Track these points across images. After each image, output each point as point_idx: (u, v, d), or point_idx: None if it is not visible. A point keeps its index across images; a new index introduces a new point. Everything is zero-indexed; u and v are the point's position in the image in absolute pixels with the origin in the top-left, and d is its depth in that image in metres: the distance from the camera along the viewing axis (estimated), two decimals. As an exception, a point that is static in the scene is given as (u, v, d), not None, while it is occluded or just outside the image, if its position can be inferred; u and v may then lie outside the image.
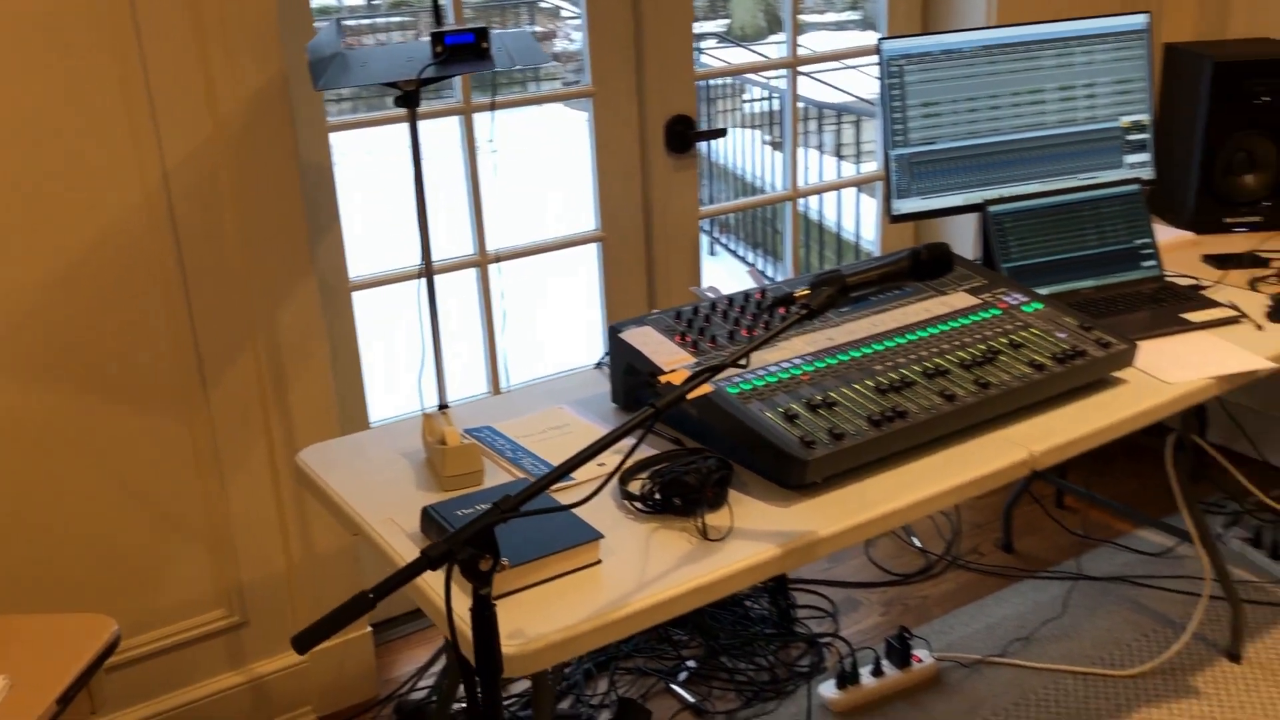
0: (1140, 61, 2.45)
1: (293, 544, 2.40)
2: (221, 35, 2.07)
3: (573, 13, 15.55)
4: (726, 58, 11.89)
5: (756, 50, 11.62)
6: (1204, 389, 1.97)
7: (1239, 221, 2.76)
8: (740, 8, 16.70)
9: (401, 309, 3.71)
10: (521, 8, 14.21)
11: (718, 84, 6.94)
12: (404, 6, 14.44)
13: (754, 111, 7.15)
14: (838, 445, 1.65)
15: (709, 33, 15.82)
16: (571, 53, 14.10)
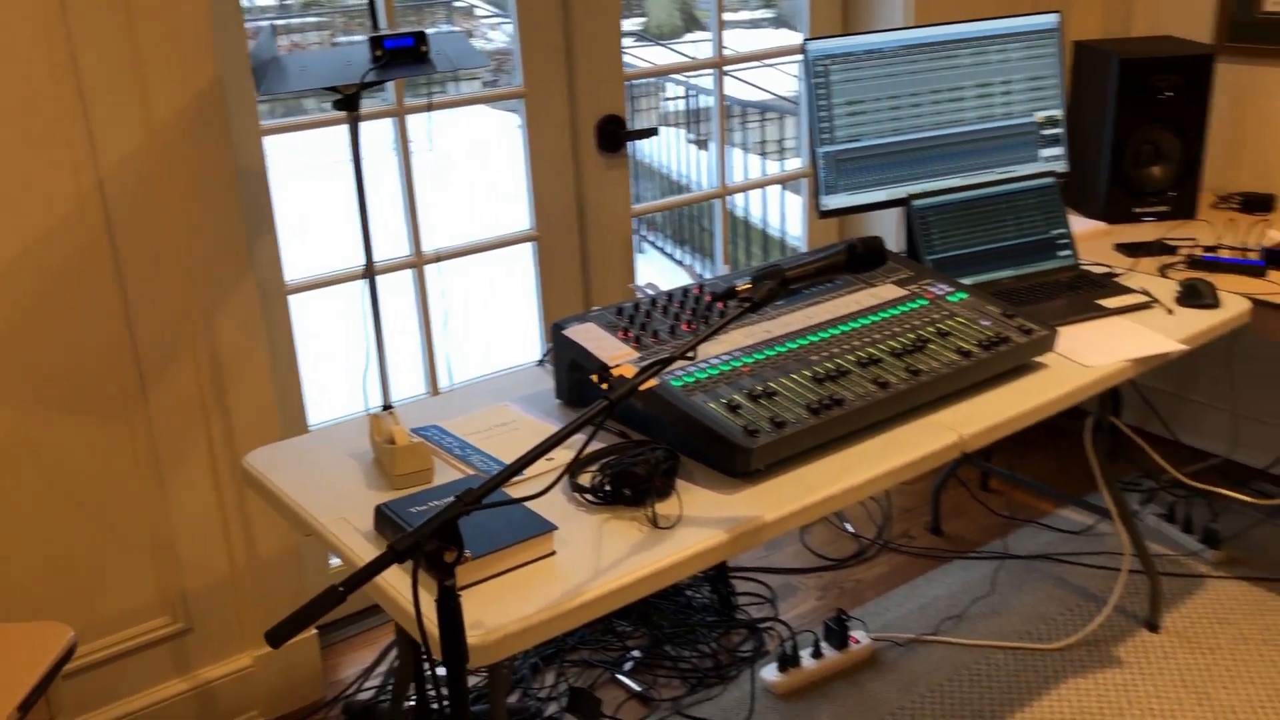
0: (1052, 59, 2.56)
1: (236, 549, 2.40)
2: (155, 40, 2.06)
3: (487, 11, 15.49)
4: (644, 56, 11.96)
5: (675, 49, 11.70)
6: (1121, 371, 2.07)
7: (1147, 211, 2.89)
8: (657, 6, 16.78)
9: (334, 312, 3.69)
10: (437, 7, 14.11)
11: (638, 83, 7.00)
12: (315, 7, 14.25)
13: (674, 110, 7.23)
14: (780, 433, 1.71)
15: (626, 31, 15.93)
16: (489, 51, 14.06)
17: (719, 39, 3.08)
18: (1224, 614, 2.64)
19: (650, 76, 6.94)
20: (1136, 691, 2.41)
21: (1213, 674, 2.45)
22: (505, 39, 14.37)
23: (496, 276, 5.07)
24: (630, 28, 16.45)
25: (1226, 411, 3.29)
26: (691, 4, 17.28)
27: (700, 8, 17.27)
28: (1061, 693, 2.42)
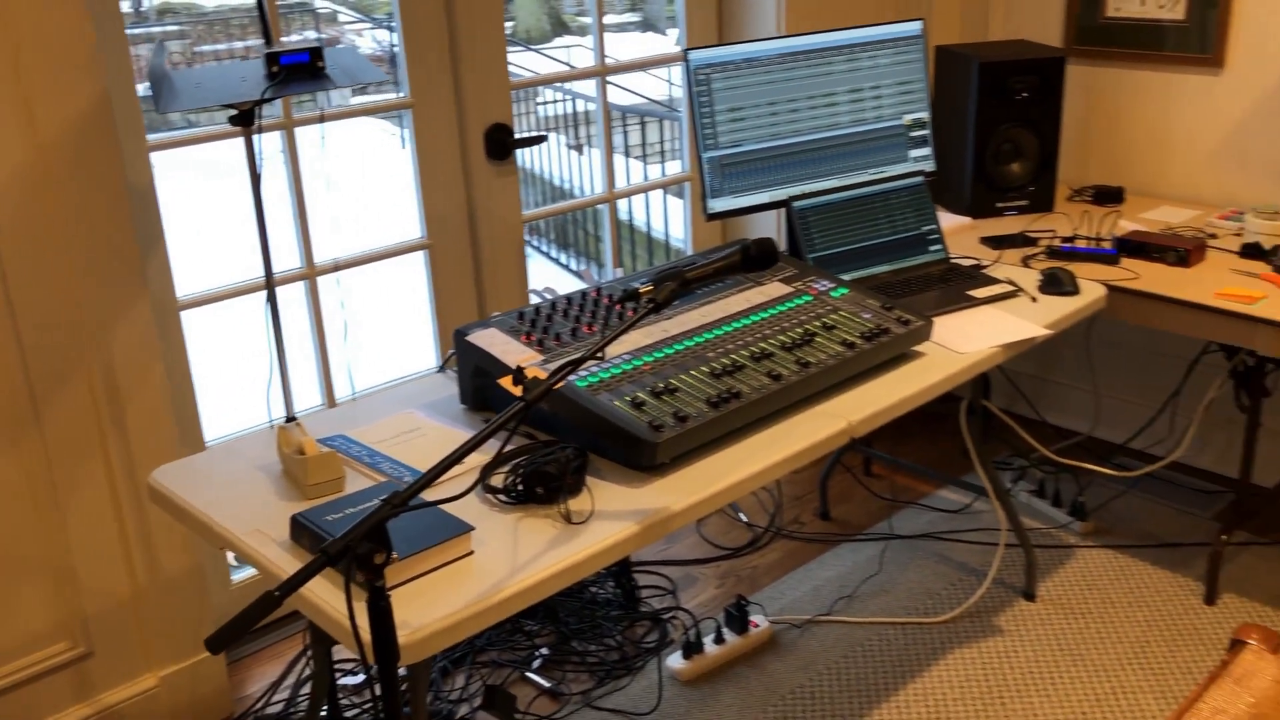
0: (918, 64, 2.71)
1: (137, 569, 2.37)
2: (38, 58, 2.03)
3: (352, 18, 15.27)
4: (513, 61, 11.99)
5: (545, 54, 11.74)
6: (992, 356, 2.22)
7: (1009, 205, 3.08)
8: (524, 11, 16.78)
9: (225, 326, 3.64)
10: (304, 14, 13.86)
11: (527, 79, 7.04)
12: (171, 14, 13.85)
13: (550, 115, 7.28)
14: (683, 427, 1.79)
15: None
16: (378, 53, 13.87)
17: (600, 47, 3.15)
18: (1093, 580, 2.83)
19: (537, 85, 6.99)
20: (1017, 658, 2.57)
21: (1085, 637, 2.63)
22: (373, 46, 14.20)
23: (390, 285, 5.04)
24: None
25: (1088, 391, 3.51)
26: (559, 8, 17.34)
27: (567, 11, 17.35)
28: (949, 662, 2.57)
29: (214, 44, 12.85)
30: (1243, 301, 2.43)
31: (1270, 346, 2.40)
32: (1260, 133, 3.01)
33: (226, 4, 14.34)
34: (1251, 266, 2.63)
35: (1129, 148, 3.28)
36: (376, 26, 14.76)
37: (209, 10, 14.21)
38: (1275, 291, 2.48)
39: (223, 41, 12.78)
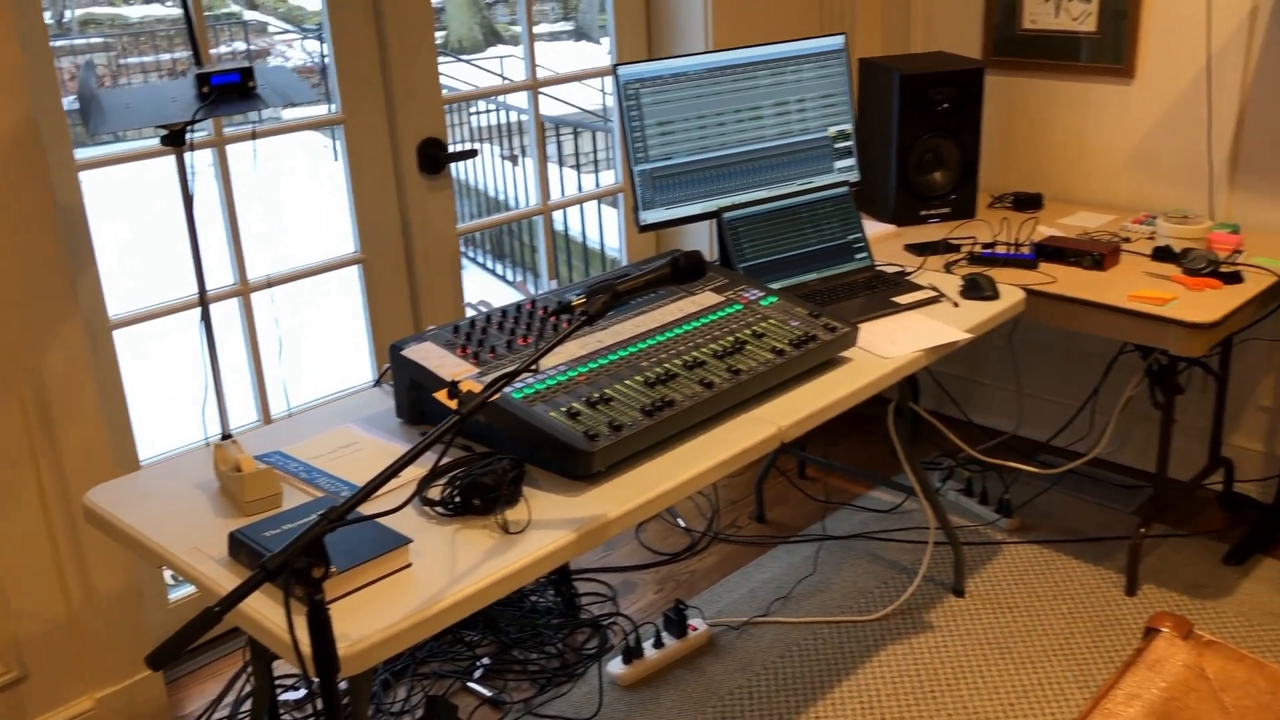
0: (840, 78, 2.78)
1: (72, 591, 2.35)
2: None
3: (281, 28, 15.14)
4: (447, 72, 11.96)
5: (477, 64, 11.75)
6: (915, 360, 2.29)
7: (932, 213, 3.16)
8: (456, 20, 16.74)
9: (161, 344, 3.60)
10: (230, 25, 13.71)
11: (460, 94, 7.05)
12: (94, 25, 13.62)
13: (483, 125, 7.30)
14: (617, 436, 1.84)
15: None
16: (308, 65, 13.75)
17: (531, 60, 3.19)
18: (1019, 575, 2.92)
19: (468, 100, 7.00)
20: (947, 652, 2.65)
21: (1012, 630, 2.71)
22: (304, 57, 14.08)
23: (326, 299, 5.04)
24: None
25: (1012, 392, 3.61)
26: (491, 18, 17.32)
27: (500, 20, 17.34)
28: (882, 658, 2.64)
29: (140, 56, 12.66)
30: (1154, 303, 2.53)
31: (1181, 346, 2.50)
32: (1169, 139, 3.13)
33: (152, 14, 14.13)
34: (1163, 269, 2.74)
35: (1047, 155, 3.39)
36: (306, 37, 14.63)
37: (134, 21, 14.00)
38: (1185, 293, 2.59)
39: (149, 54, 12.60)
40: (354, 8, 2.71)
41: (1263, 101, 2.94)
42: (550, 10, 18.03)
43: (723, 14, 3.20)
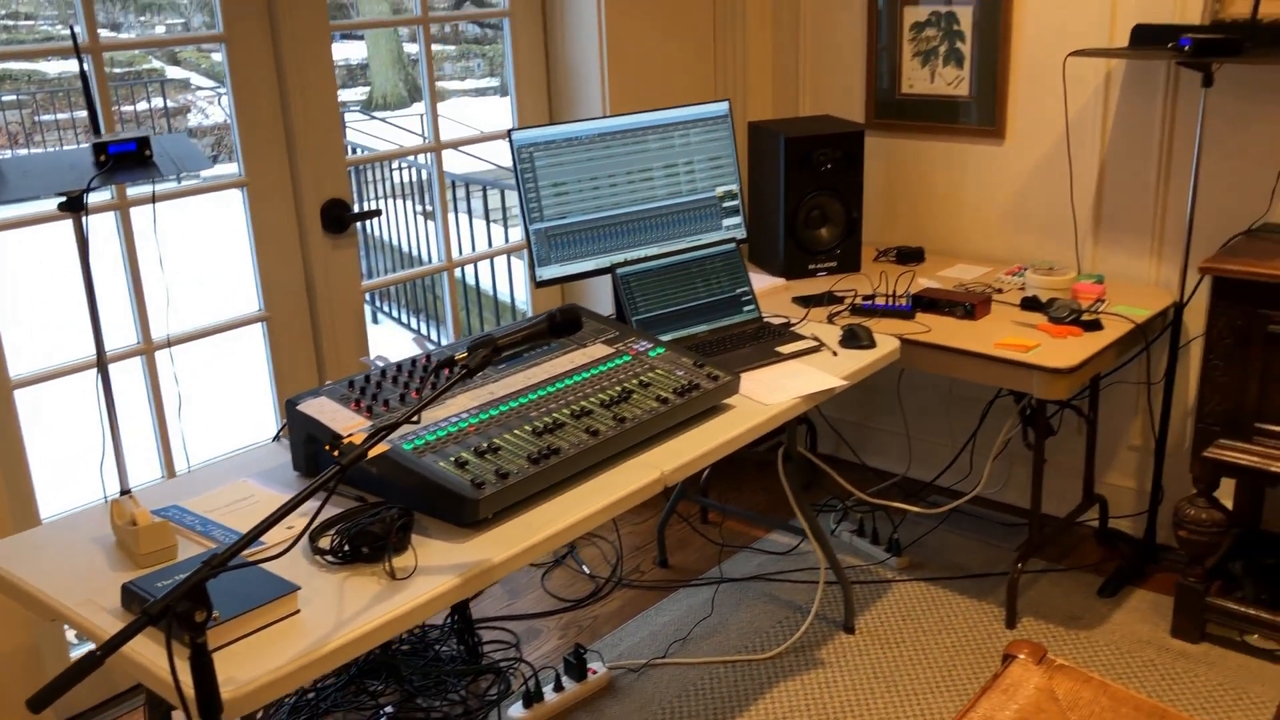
0: (726, 141, 2.93)
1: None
2: None
3: (204, 85, 15.12)
4: (369, 130, 12.05)
5: (397, 123, 11.84)
6: (794, 407, 2.41)
7: (820, 266, 3.32)
8: (380, 78, 16.86)
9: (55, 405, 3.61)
10: (150, 82, 13.66)
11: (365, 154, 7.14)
12: (10, 81, 13.49)
13: (402, 181, 7.39)
14: (504, 484, 1.93)
15: (350, 101, 15.89)
16: (208, 127, 13.72)
17: (434, 122, 3.30)
18: (907, 612, 3.05)
19: (371, 161, 7.10)
20: (837, 687, 2.76)
21: (900, 664, 2.83)
22: (223, 113, 14.07)
23: (232, 356, 5.06)
24: (355, 97, 16.45)
25: (902, 435, 3.77)
26: (415, 75, 17.46)
27: (423, 77, 17.54)
28: (775, 695, 2.74)
29: (55, 113, 12.56)
30: (1018, 350, 2.70)
31: (1044, 390, 2.67)
32: (1038, 196, 3.33)
33: (70, 70, 14.03)
34: (1030, 318, 2.92)
35: (928, 211, 3.58)
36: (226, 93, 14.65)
37: (51, 77, 13.89)
38: (1048, 340, 2.76)
39: (65, 110, 12.50)
40: (257, 72, 2.81)
41: (1120, 160, 3.16)
42: (476, 67, 18.26)
43: (619, 80, 3.35)
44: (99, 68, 2.52)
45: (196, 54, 16.10)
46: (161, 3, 17.57)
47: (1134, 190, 3.16)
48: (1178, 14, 2.96)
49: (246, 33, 2.77)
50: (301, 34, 2.84)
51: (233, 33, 2.75)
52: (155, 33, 16.93)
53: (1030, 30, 3.24)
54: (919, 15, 3.43)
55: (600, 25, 3.30)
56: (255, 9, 2.77)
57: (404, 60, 16.91)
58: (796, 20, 3.69)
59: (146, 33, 16.68)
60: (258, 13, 2.77)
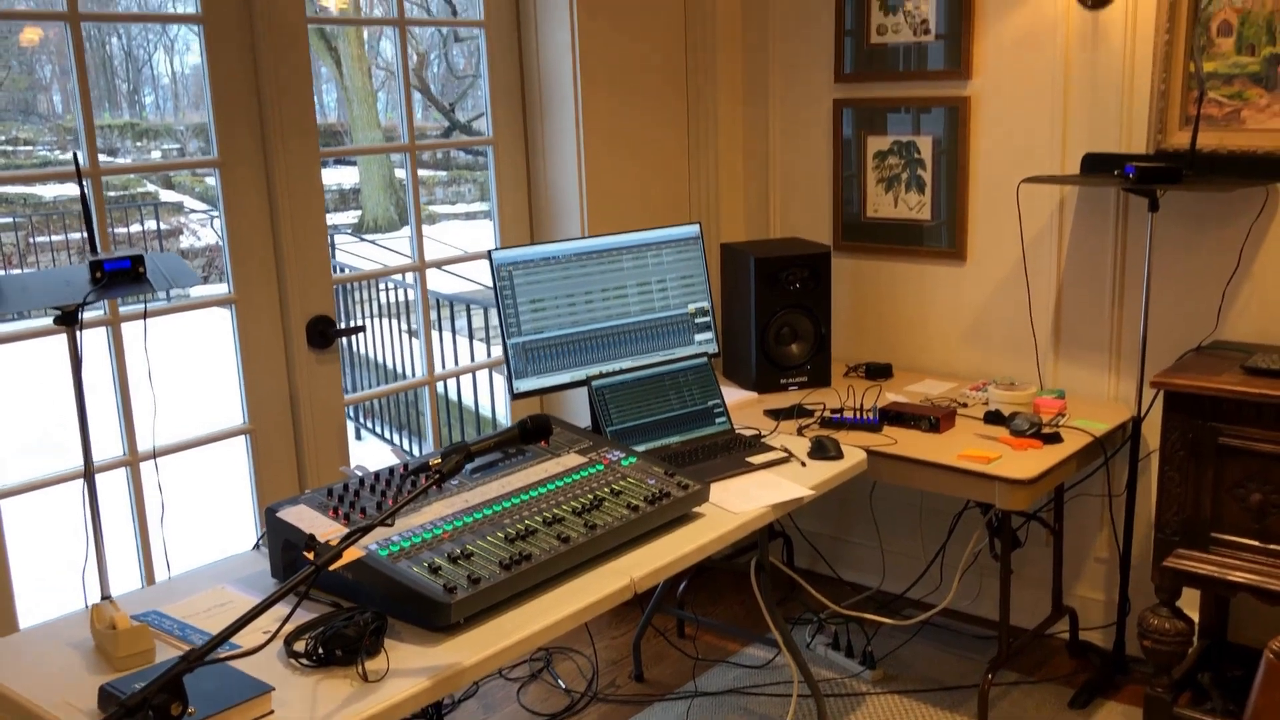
0: (697, 261, 3.07)
1: (-60, 760, 2.37)
2: None
3: (197, 208, 15.43)
4: (359, 251, 12.29)
5: (387, 244, 12.10)
6: (763, 515, 2.48)
7: (791, 381, 3.43)
8: (372, 202, 17.25)
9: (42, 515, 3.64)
10: (145, 205, 13.95)
11: (352, 275, 7.32)
12: (6, 205, 13.75)
13: (390, 302, 7.54)
14: (475, 589, 1.98)
15: (341, 224, 16.22)
16: (199, 248, 13.97)
17: (419, 242, 3.43)
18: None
19: (357, 280, 7.28)
20: (811, 799, 2.76)
21: (873, 776, 2.84)
22: (215, 236, 14.35)
23: (215, 467, 5.10)
24: (346, 221, 16.79)
25: (875, 549, 3.82)
26: (406, 199, 17.92)
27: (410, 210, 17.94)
28: (749, 808, 2.74)
29: (50, 235, 12.79)
30: (980, 461, 2.78)
31: (1006, 500, 2.75)
32: (1000, 315, 3.47)
33: (65, 194, 14.33)
34: (993, 431, 3.01)
35: (895, 329, 3.70)
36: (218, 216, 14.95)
37: (47, 200, 14.19)
38: (1009, 452, 2.85)
39: (59, 233, 12.74)
40: (249, 194, 2.94)
41: (1076, 281, 3.30)
42: (466, 191, 18.70)
43: (597, 204, 3.50)
44: (98, 192, 2.65)
45: (191, 178, 16.48)
46: (158, 128, 18.06)
47: (1090, 309, 3.29)
48: (1124, 144, 3.14)
49: (240, 159, 2.91)
50: (293, 159, 2.98)
51: (227, 158, 2.89)
52: (151, 158, 17.34)
53: (986, 158, 3.42)
54: (882, 144, 3.61)
55: (579, 154, 3.47)
56: (250, 135, 2.91)
57: (395, 185, 17.32)
58: (766, 149, 3.87)
59: (142, 158, 17.09)
60: (252, 139, 2.92)
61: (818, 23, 3.67)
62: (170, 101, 19.73)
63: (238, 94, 2.87)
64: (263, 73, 2.89)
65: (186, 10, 2.78)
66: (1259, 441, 2.62)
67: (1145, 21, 3.06)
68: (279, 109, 2.91)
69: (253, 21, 2.86)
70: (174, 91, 19.77)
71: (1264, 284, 3.00)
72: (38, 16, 6.99)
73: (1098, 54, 3.16)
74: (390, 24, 3.37)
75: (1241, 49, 2.93)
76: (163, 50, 19.28)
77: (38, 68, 17.30)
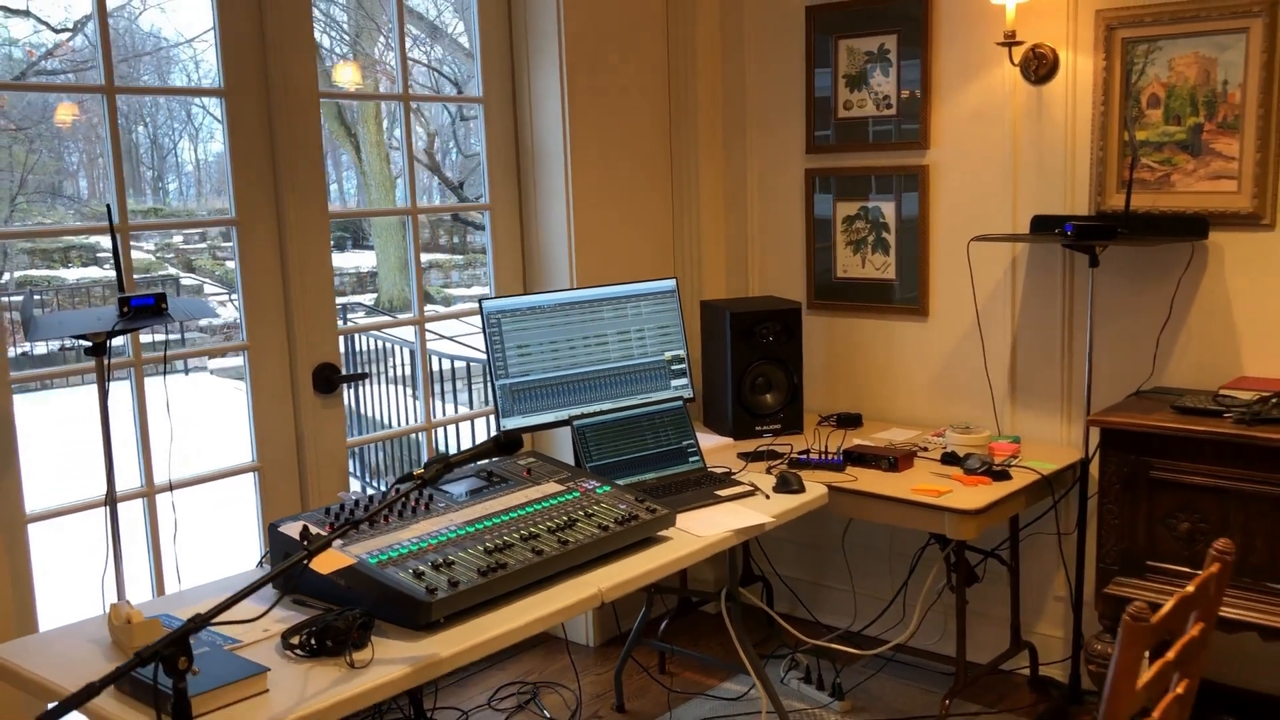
0: (673, 312, 3.32)
1: (-35, 759, 2.57)
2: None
3: (215, 291, 15.87)
4: (373, 325, 12.64)
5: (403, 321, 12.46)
6: (725, 540, 2.69)
7: (765, 428, 3.65)
8: (388, 282, 17.71)
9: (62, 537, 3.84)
10: (168, 285, 14.39)
11: (371, 349, 7.67)
12: (31, 285, 14.20)
13: (400, 374, 7.85)
14: (454, 590, 2.20)
15: (358, 303, 16.63)
16: (218, 325, 14.36)
17: (420, 299, 3.71)
18: (847, 749, 3.23)
19: (361, 332, 7.65)
20: (777, 815, 2.92)
21: (838, 796, 3.00)
22: (235, 314, 14.78)
23: (223, 501, 5.36)
24: (364, 301, 17.21)
25: (848, 590, 4.01)
26: (424, 281, 18.38)
27: (432, 284, 18.35)
28: (717, 823, 2.90)
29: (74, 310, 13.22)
30: (931, 494, 3.00)
31: (955, 530, 2.95)
32: (961, 367, 3.70)
33: (88, 276, 14.81)
34: (947, 470, 3.22)
35: (864, 381, 3.94)
36: (237, 271, 15.36)
37: (70, 282, 14.66)
38: (960, 488, 3.06)
39: (83, 309, 13.17)
40: (262, 248, 3.22)
41: (1029, 333, 3.54)
42: (482, 275, 19.13)
43: (585, 261, 3.78)
44: (126, 256, 2.93)
45: (211, 261, 16.97)
46: (180, 213, 18.60)
47: (1042, 360, 3.53)
48: (1069, 206, 3.41)
49: (255, 218, 3.20)
50: (303, 217, 3.27)
51: (244, 217, 3.18)
52: (174, 242, 17.86)
53: (945, 222, 3.69)
54: (850, 209, 3.89)
55: (569, 215, 3.76)
56: (264, 196, 3.20)
57: (409, 266, 17.73)
58: (745, 214, 4.15)
59: (164, 241, 17.59)
60: (265, 199, 3.21)
61: (790, 99, 3.98)
62: (193, 188, 20.36)
63: (254, 158, 3.18)
64: (277, 139, 3.19)
65: (210, 85, 3.08)
66: (1187, 474, 2.83)
67: (1084, 95, 3.35)
68: (291, 172, 3.21)
69: (269, 94, 3.17)
70: (197, 178, 20.40)
71: (1194, 332, 3.23)
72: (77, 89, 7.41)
73: (1043, 125, 3.44)
74: (395, 99, 3.69)
75: (1169, 119, 3.21)
76: (187, 138, 19.95)
77: (65, 154, 17.91)
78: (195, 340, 12.36)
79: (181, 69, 17.07)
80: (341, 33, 14.12)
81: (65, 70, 12.68)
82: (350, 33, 14.29)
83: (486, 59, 3.79)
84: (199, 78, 15.98)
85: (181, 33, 16.35)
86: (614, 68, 3.87)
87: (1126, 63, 3.26)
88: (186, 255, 17.63)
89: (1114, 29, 3.26)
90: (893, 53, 3.72)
